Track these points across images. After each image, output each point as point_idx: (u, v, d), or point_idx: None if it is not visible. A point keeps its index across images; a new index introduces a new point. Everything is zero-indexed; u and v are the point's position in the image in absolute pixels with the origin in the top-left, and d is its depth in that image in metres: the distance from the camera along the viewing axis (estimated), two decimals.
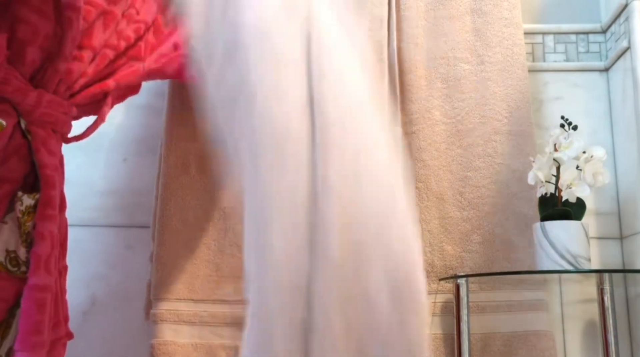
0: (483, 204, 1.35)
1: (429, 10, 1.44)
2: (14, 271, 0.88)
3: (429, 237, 1.34)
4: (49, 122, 0.94)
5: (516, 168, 1.36)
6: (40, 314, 0.87)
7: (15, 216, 0.89)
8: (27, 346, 0.85)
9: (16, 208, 0.89)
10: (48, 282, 0.89)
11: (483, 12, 1.43)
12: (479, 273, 1.31)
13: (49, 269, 0.89)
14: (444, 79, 1.41)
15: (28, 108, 0.92)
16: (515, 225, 1.34)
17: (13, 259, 0.88)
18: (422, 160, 1.37)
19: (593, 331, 1.37)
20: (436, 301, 1.32)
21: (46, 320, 0.88)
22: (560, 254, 1.18)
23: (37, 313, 0.87)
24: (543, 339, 1.29)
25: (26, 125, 0.92)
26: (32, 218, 0.90)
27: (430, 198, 1.36)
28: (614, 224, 1.42)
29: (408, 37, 1.42)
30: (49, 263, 0.90)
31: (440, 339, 1.31)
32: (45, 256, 0.89)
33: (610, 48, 1.46)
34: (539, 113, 1.47)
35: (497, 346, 1.30)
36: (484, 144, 1.37)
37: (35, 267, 0.88)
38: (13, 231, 0.89)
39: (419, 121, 1.38)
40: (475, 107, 1.39)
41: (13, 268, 0.88)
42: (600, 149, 1.23)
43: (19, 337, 0.85)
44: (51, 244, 0.90)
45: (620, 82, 1.41)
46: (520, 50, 1.41)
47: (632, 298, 1.36)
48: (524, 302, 1.31)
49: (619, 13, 1.41)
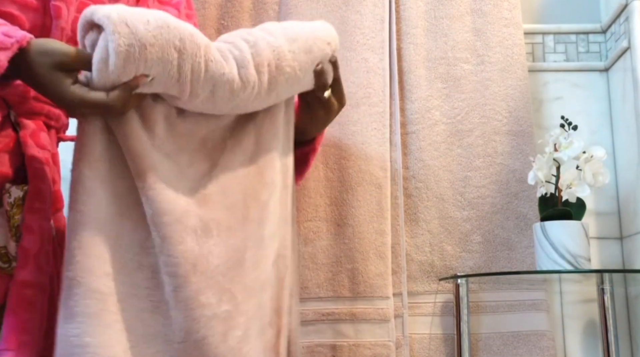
0: (483, 204, 1.35)
1: (429, 10, 1.44)
2: (4, 268, 0.85)
3: (429, 237, 1.35)
4: (39, 113, 0.92)
5: (516, 168, 1.36)
6: (28, 313, 0.83)
7: (4, 209, 0.86)
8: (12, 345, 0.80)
9: (4, 201, 0.86)
10: (38, 279, 0.85)
11: (483, 12, 1.43)
12: (479, 273, 1.31)
13: (39, 264, 0.85)
14: (444, 79, 1.41)
15: (17, 99, 0.89)
16: (515, 225, 1.34)
17: (3, 255, 0.86)
18: (422, 160, 1.37)
19: (593, 331, 1.37)
20: (436, 301, 1.33)
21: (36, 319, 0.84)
22: (560, 254, 1.18)
23: (24, 311, 0.83)
24: (543, 339, 1.29)
25: (16, 117, 0.90)
26: (21, 211, 0.87)
27: (430, 198, 1.36)
28: (614, 224, 1.42)
29: (408, 37, 1.42)
30: (39, 259, 0.86)
31: (440, 339, 1.31)
32: (34, 251, 0.85)
33: (610, 48, 1.46)
34: (539, 113, 1.47)
35: (497, 346, 1.30)
36: (484, 144, 1.37)
37: (22, 263, 0.84)
38: (2, 226, 0.86)
39: (419, 121, 1.38)
40: (475, 107, 1.39)
41: (4, 265, 0.85)
42: (600, 149, 1.23)
43: (4, 335, 0.81)
44: (41, 239, 0.86)
45: (620, 82, 1.41)
46: (520, 50, 1.41)
47: (632, 298, 1.36)
48: (524, 302, 1.31)
49: (619, 13, 1.41)
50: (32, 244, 0.85)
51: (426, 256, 1.34)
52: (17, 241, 0.86)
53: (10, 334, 0.81)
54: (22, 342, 0.82)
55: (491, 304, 1.32)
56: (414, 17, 1.42)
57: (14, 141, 0.89)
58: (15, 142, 0.89)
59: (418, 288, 1.33)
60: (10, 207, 0.87)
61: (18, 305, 0.83)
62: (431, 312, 1.32)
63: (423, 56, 1.42)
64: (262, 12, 1.43)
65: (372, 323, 1.27)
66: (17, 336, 0.81)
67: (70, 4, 0.92)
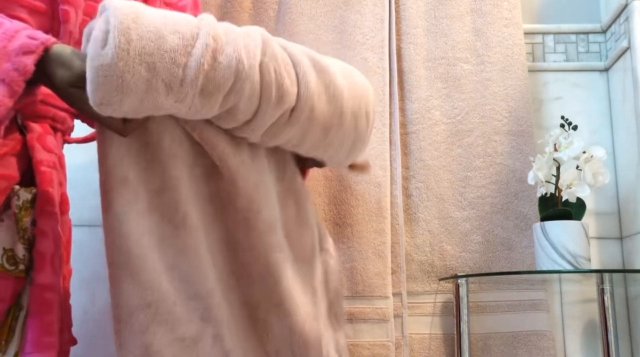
0: (483, 204, 1.35)
1: (429, 10, 1.44)
2: (11, 270, 0.86)
3: (429, 237, 1.34)
4: (46, 116, 0.93)
5: (516, 168, 1.36)
6: (50, 314, 0.85)
7: (12, 212, 0.87)
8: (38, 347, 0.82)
9: (12, 204, 0.87)
10: (55, 281, 0.87)
11: (483, 12, 1.43)
12: (479, 273, 1.31)
13: (54, 267, 0.87)
14: (444, 79, 1.41)
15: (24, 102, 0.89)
16: (515, 225, 1.34)
17: (10, 257, 0.86)
18: (422, 160, 1.37)
19: (593, 331, 1.37)
20: (436, 301, 1.32)
21: (55, 321, 0.86)
22: (560, 254, 1.18)
23: (46, 313, 0.84)
24: (543, 339, 1.29)
25: (23, 120, 0.90)
26: (30, 214, 0.88)
27: (430, 198, 1.36)
28: (614, 224, 1.42)
29: (408, 37, 1.42)
30: (54, 262, 0.87)
31: (440, 339, 1.31)
32: (50, 254, 0.87)
33: (610, 48, 1.46)
34: (539, 113, 1.47)
35: (497, 346, 1.30)
36: (484, 144, 1.37)
37: (40, 266, 0.86)
38: (10, 228, 0.87)
39: (419, 121, 1.38)
40: (475, 107, 1.39)
41: (11, 267, 0.86)
42: (600, 149, 1.23)
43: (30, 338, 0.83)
44: (54, 242, 0.88)
45: (620, 82, 1.41)
46: (520, 50, 1.41)
47: (632, 298, 1.36)
48: (524, 302, 1.31)
49: (619, 13, 1.41)
50: (47, 247, 0.87)
51: (426, 256, 1.34)
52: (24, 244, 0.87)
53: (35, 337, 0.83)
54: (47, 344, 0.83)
55: (491, 304, 1.32)
56: (414, 17, 1.43)
57: (21, 144, 0.89)
58: (23, 146, 0.89)
59: (418, 288, 1.33)
60: (19, 209, 0.87)
61: (40, 308, 0.85)
62: (431, 312, 1.32)
63: (423, 56, 1.42)
64: (261, 12, 1.43)
65: (370, 323, 1.27)
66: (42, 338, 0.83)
67: (79, 8, 0.93)
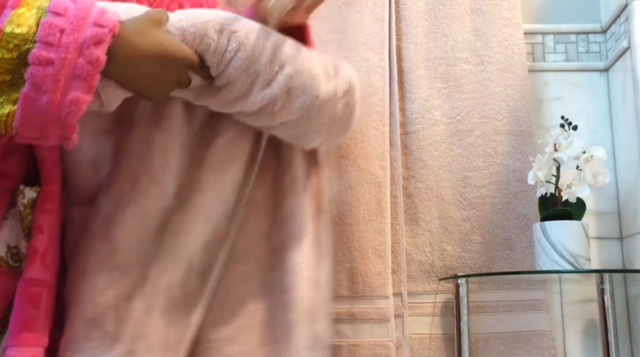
0: (483, 204, 1.35)
1: (429, 10, 1.44)
2: (16, 266, 0.87)
3: (429, 237, 1.34)
4: None
5: (516, 168, 1.36)
6: (34, 310, 0.84)
7: (17, 210, 0.88)
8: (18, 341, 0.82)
9: (18, 202, 0.88)
10: (44, 276, 0.86)
11: (483, 12, 1.43)
12: (479, 273, 1.31)
13: (44, 263, 0.87)
14: (444, 79, 1.41)
15: None
16: (515, 225, 1.34)
17: (15, 254, 0.87)
18: (422, 160, 1.37)
19: (593, 331, 1.37)
20: (436, 301, 1.32)
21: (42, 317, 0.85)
22: (560, 254, 1.18)
23: (30, 308, 0.84)
24: (543, 339, 1.29)
25: None
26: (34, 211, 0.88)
27: (430, 198, 1.36)
28: (614, 224, 1.42)
29: (408, 37, 1.42)
30: (45, 258, 0.87)
31: (440, 339, 1.31)
32: (42, 250, 0.87)
33: (610, 48, 1.46)
34: (539, 113, 1.47)
35: (497, 346, 1.30)
36: (484, 144, 1.37)
37: (30, 261, 0.86)
38: (14, 226, 0.87)
39: (419, 121, 1.38)
40: (475, 107, 1.39)
41: (15, 263, 0.87)
42: (600, 149, 1.23)
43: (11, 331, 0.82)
44: (49, 238, 0.88)
45: (620, 82, 1.41)
46: (520, 50, 1.41)
47: (632, 298, 1.36)
48: (524, 302, 1.31)
49: (619, 13, 1.41)
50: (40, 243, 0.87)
51: (426, 256, 1.34)
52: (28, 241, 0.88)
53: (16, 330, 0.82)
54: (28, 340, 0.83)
55: (491, 304, 1.32)
56: (414, 17, 1.43)
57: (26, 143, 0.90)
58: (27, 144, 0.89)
59: (418, 288, 1.33)
60: (24, 208, 0.88)
61: (23, 302, 0.84)
62: (431, 312, 1.32)
63: (423, 56, 1.42)
64: None
65: (371, 323, 1.27)
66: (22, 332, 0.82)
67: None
